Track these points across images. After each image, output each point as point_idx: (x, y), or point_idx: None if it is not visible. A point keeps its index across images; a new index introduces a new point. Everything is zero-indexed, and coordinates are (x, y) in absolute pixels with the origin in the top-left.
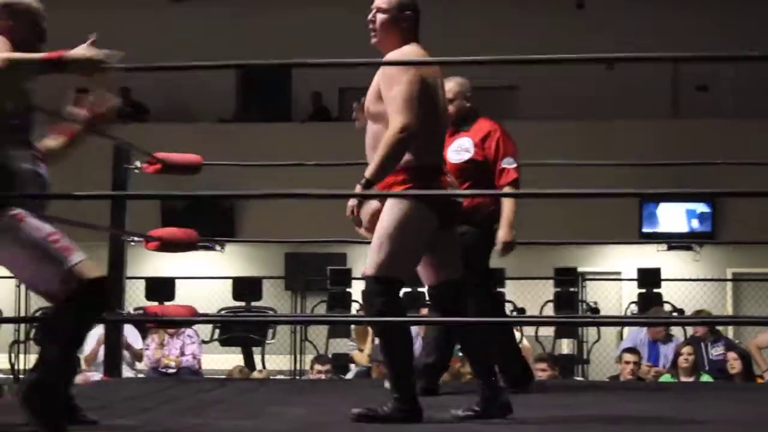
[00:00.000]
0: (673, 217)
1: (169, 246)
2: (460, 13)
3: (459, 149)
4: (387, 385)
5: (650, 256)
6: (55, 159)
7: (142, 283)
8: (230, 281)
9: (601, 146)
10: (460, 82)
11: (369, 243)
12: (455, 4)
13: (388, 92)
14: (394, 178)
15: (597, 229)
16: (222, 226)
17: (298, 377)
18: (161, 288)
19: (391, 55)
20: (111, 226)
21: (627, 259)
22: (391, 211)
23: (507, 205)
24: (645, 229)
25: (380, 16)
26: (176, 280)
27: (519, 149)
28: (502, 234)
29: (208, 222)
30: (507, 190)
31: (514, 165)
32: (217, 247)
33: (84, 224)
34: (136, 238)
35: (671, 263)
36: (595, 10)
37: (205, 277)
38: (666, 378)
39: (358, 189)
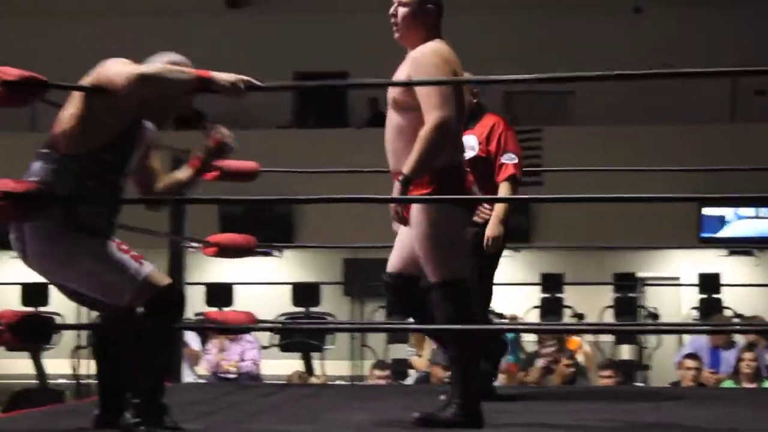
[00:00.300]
0: (732, 222)
1: (227, 252)
2: (518, 19)
3: (465, 146)
4: (443, 397)
5: (710, 261)
6: (180, 189)
7: (201, 289)
8: (289, 287)
9: (658, 151)
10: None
11: None
12: (513, 8)
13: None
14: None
15: (656, 234)
16: (280, 232)
17: (357, 383)
18: (220, 294)
19: (421, 50)
20: (170, 232)
21: (686, 264)
22: (425, 214)
23: (499, 202)
24: (704, 234)
25: (402, 10)
26: (235, 286)
27: (572, 154)
28: (489, 229)
29: (266, 228)
30: (503, 186)
31: (515, 161)
32: (276, 253)
33: (143, 230)
34: (194, 244)
35: (731, 268)
36: (653, 13)
37: (263, 283)
38: (728, 384)
39: (397, 187)
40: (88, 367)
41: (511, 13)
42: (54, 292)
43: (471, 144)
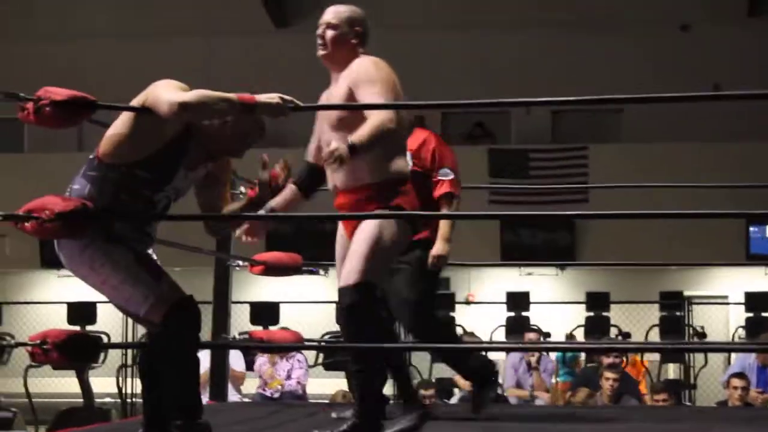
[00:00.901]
0: None
1: (273, 270)
2: (564, 37)
3: None
4: (334, 414)
5: (758, 279)
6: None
7: (246, 308)
8: (334, 306)
9: (704, 167)
10: None
11: (473, 266)
12: (558, 26)
13: (372, 88)
14: (365, 193)
15: (703, 251)
16: (325, 250)
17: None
18: (266, 312)
19: (359, 61)
20: (216, 250)
21: (734, 282)
22: (370, 224)
23: (443, 220)
24: (753, 252)
25: (330, 33)
26: (281, 305)
27: (619, 172)
28: (435, 248)
29: (312, 246)
30: (442, 203)
31: (450, 176)
32: (321, 271)
33: (191, 248)
34: (241, 263)
35: None
36: (700, 31)
37: (309, 302)
38: None
39: (344, 148)
40: (134, 385)
41: (557, 30)
42: (101, 310)
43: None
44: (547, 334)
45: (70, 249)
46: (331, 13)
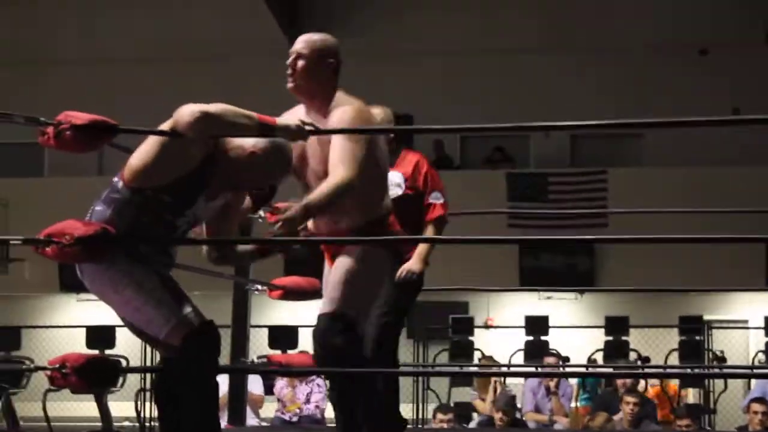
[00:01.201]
0: None
1: (292, 295)
2: (582, 61)
3: (391, 184)
4: None
5: None
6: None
7: (265, 332)
8: None
9: (724, 192)
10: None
11: (492, 291)
12: (576, 51)
13: (342, 141)
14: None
15: (723, 276)
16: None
17: (420, 426)
18: (284, 336)
19: (347, 113)
20: (235, 274)
21: (754, 306)
22: (356, 252)
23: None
24: None
25: (300, 63)
26: (299, 328)
27: (638, 196)
28: (411, 263)
29: None
30: (430, 226)
31: (442, 200)
32: None
33: (209, 272)
34: (259, 287)
35: None
36: (718, 56)
37: None
38: None
39: (295, 212)
40: (153, 409)
41: (576, 55)
42: (119, 334)
43: (397, 181)
44: (566, 359)
45: (93, 270)
46: (302, 42)
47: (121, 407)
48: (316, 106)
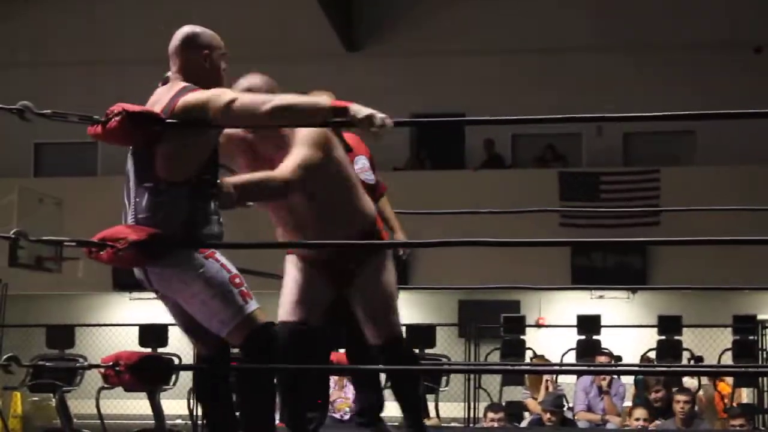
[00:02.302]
0: None
1: None
2: (636, 58)
3: (363, 169)
4: None
5: None
6: None
7: None
8: (403, 328)
9: None
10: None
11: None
12: (631, 48)
13: (298, 144)
14: None
15: None
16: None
17: (471, 425)
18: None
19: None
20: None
21: None
22: (379, 274)
23: (390, 210)
24: None
25: None
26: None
27: (691, 195)
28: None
29: None
30: (385, 201)
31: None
32: None
33: (261, 273)
34: None
35: None
36: None
37: None
38: None
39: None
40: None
41: (629, 53)
42: (172, 332)
43: (368, 165)
44: (618, 358)
45: (162, 267)
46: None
47: (174, 405)
48: None
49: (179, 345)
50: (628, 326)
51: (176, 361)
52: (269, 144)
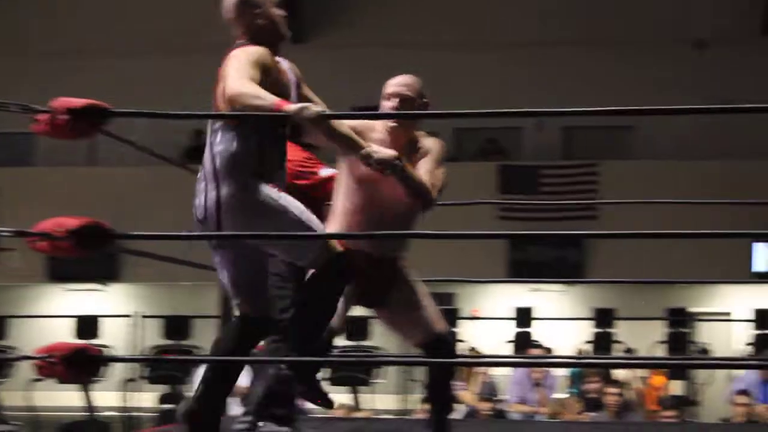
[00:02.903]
0: None
1: None
2: (576, 55)
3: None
4: None
5: (763, 296)
6: None
7: None
8: None
9: (712, 186)
10: None
11: (479, 282)
12: (570, 45)
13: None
14: None
15: (708, 268)
16: None
17: (405, 417)
18: None
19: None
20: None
21: (737, 299)
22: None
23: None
24: (756, 269)
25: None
26: None
27: (629, 189)
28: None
29: None
30: None
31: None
32: None
33: (195, 264)
34: None
35: None
36: (712, 49)
37: None
38: None
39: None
40: (139, 399)
41: (569, 49)
42: (106, 324)
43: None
44: (549, 350)
45: (242, 211)
46: (404, 86)
47: (106, 397)
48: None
49: (112, 336)
50: (563, 319)
51: (108, 352)
52: None
